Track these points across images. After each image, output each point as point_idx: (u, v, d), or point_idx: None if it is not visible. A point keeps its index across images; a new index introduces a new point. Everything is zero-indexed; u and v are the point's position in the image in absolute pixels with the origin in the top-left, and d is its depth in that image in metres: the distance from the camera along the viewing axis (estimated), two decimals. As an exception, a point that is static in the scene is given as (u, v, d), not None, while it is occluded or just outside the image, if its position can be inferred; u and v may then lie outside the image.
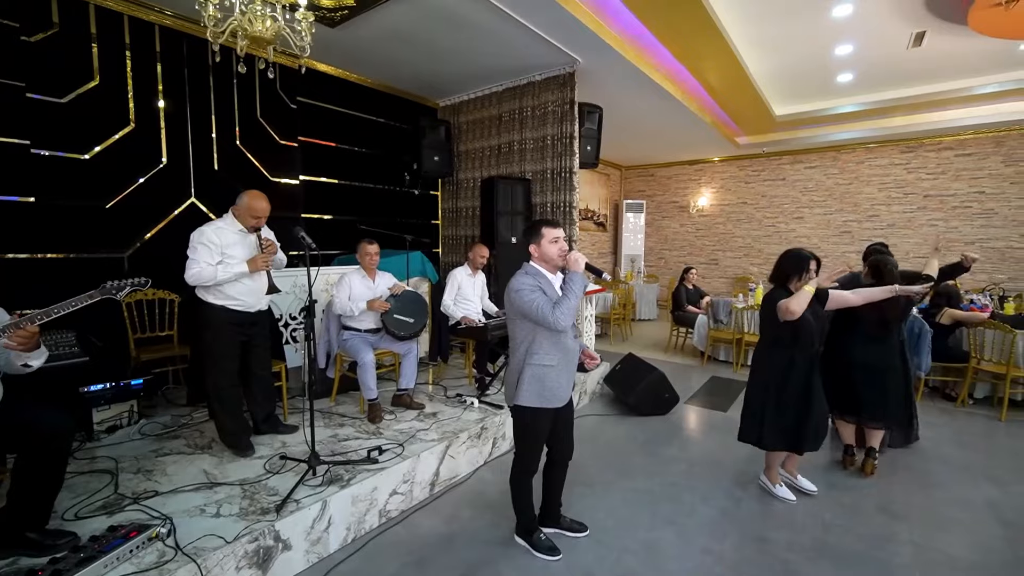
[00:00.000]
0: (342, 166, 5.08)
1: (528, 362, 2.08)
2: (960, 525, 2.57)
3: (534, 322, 2.02)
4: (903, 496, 2.85)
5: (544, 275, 2.11)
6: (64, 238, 3.28)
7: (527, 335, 2.09)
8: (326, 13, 3.55)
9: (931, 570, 2.20)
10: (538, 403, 2.09)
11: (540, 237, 2.11)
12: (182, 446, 2.80)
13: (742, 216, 9.95)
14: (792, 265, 2.59)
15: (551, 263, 2.11)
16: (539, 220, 2.18)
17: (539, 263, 2.13)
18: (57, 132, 3.22)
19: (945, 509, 2.72)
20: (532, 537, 2.32)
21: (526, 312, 2.01)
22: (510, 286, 2.08)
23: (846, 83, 6.64)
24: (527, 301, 1.99)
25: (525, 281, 2.05)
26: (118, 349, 3.35)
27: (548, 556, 2.26)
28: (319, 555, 2.23)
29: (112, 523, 1.97)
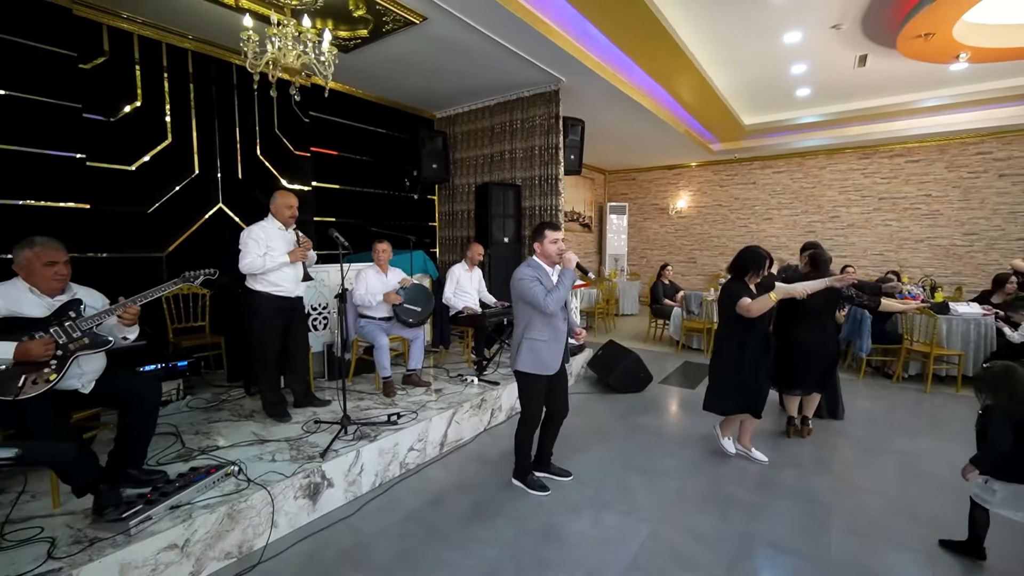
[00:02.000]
0: (348, 173, 5.57)
1: (525, 336, 2.62)
2: (870, 466, 3.18)
3: (530, 306, 2.56)
4: (832, 451, 3.45)
5: (543, 268, 2.64)
6: (113, 240, 3.73)
7: (526, 315, 2.63)
8: (342, 42, 4.06)
9: (845, 495, 2.80)
10: (533, 370, 2.63)
11: (544, 237, 2.63)
12: (228, 416, 3.28)
13: (717, 217, 10.63)
14: (752, 261, 2.96)
15: (549, 259, 2.64)
16: (545, 223, 2.70)
17: (540, 258, 2.66)
18: (108, 147, 3.68)
19: (863, 456, 3.34)
20: (526, 478, 2.85)
21: (525, 296, 2.55)
22: (515, 275, 2.62)
23: (805, 96, 7.32)
24: (527, 288, 2.52)
25: (527, 272, 2.58)
26: (160, 336, 3.80)
27: (539, 492, 2.80)
28: (355, 494, 2.73)
29: (191, 466, 2.46)
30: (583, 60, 4.73)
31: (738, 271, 3.01)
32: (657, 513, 2.63)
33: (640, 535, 2.43)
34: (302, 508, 2.47)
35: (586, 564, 2.21)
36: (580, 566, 2.19)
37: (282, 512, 2.37)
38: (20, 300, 2.08)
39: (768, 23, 4.86)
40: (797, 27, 5.00)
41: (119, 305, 2.21)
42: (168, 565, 1.97)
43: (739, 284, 2.97)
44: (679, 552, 2.30)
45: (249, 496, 2.25)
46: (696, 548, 2.33)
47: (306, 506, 2.49)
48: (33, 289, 2.12)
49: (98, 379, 2.27)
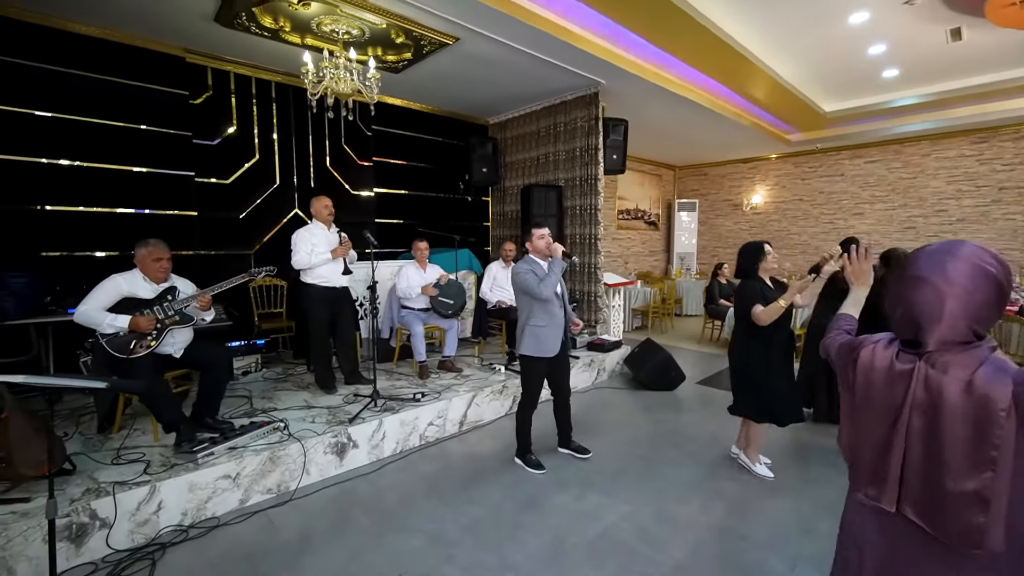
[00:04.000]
0: (408, 179, 6.19)
1: (527, 324, 2.94)
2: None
3: (528, 294, 2.85)
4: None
5: (537, 262, 2.96)
6: (213, 240, 4.63)
7: (527, 305, 2.95)
8: (391, 64, 4.60)
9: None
10: (535, 353, 2.94)
11: (531, 236, 2.99)
12: (289, 386, 3.95)
13: (798, 213, 9.87)
14: (751, 255, 2.93)
15: (540, 253, 2.96)
16: (532, 224, 3.02)
17: (534, 254, 2.98)
18: (210, 165, 4.57)
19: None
20: (525, 457, 3.14)
21: (523, 287, 2.88)
22: (512, 270, 2.97)
23: (893, 78, 6.62)
24: (523, 279, 2.86)
25: (522, 267, 2.92)
26: (247, 319, 4.63)
27: (535, 470, 3.07)
28: (377, 456, 3.21)
29: (251, 420, 3.08)
30: (620, 63, 4.82)
31: (746, 271, 2.97)
32: (640, 497, 2.77)
33: (616, 513, 2.60)
34: (330, 462, 2.98)
35: (557, 530, 2.44)
36: (551, 531, 2.44)
37: (313, 463, 2.90)
38: (136, 285, 2.80)
39: (826, 7, 4.57)
40: (862, 7, 4.64)
41: (198, 294, 2.87)
42: (223, 490, 2.57)
43: (752, 282, 2.90)
44: (647, 532, 2.44)
45: (287, 446, 2.80)
46: (666, 531, 2.45)
47: (334, 461, 3.00)
48: (145, 277, 2.83)
49: (187, 347, 2.96)
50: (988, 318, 0.93)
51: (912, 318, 0.98)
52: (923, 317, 0.95)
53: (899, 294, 1.01)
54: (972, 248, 0.95)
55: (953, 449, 0.89)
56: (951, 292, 0.92)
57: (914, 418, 0.95)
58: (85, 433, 2.95)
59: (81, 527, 2.17)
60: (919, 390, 0.94)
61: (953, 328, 0.93)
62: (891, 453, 0.97)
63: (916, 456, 0.95)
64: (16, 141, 3.65)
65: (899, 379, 0.97)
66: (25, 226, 3.70)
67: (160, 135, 4.24)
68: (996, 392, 0.86)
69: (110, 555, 2.21)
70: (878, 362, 1.02)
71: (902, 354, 1.00)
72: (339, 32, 3.90)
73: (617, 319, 5.94)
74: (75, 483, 2.35)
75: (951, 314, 0.92)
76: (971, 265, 0.92)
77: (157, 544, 2.30)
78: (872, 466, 1.02)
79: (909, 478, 0.96)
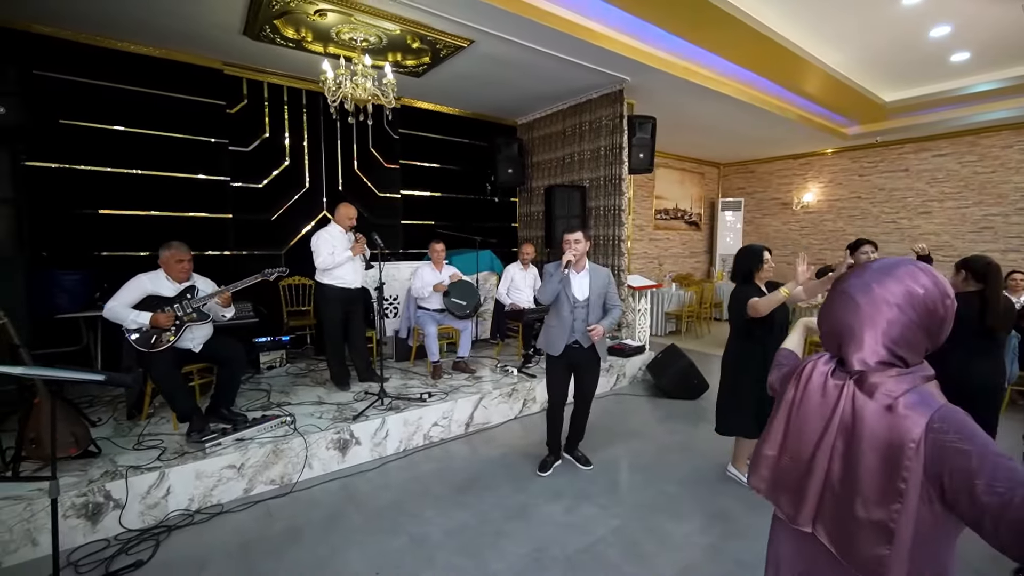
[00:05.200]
0: (435, 181, 6.29)
1: (545, 324, 3.10)
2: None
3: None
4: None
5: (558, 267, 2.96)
6: (247, 241, 4.91)
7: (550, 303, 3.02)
8: (411, 69, 4.69)
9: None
10: (545, 348, 3.07)
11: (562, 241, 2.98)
12: (308, 382, 4.12)
13: (855, 212, 9.14)
14: (749, 261, 2.79)
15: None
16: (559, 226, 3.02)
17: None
18: (244, 170, 4.85)
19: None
20: (547, 456, 3.18)
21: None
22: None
23: (963, 62, 5.98)
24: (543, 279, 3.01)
25: (548, 267, 2.99)
26: (276, 316, 4.88)
27: (539, 472, 3.10)
28: (379, 454, 3.29)
29: (263, 413, 3.24)
30: (644, 59, 4.66)
31: (742, 275, 2.83)
32: (634, 512, 2.66)
33: (605, 528, 2.51)
34: (333, 457, 3.09)
35: (539, 542, 2.40)
36: (533, 542, 2.39)
37: (316, 457, 3.01)
38: (159, 284, 3.01)
39: (870, -12, 4.21)
40: (914, -14, 4.23)
41: (214, 292, 3.06)
42: (228, 479, 2.72)
43: (747, 287, 2.78)
44: (636, 548, 2.34)
45: (290, 440, 2.92)
46: (656, 548, 2.35)
47: (336, 456, 3.10)
48: (168, 277, 3.04)
49: (206, 342, 3.15)
50: (913, 343, 0.87)
51: (834, 334, 0.95)
52: (843, 335, 0.92)
53: (826, 307, 0.98)
54: (908, 268, 0.89)
55: (865, 475, 0.86)
56: (869, 312, 0.89)
57: (837, 439, 0.91)
58: (118, 419, 3.23)
59: (97, 506, 2.36)
60: (846, 410, 0.90)
61: (873, 351, 0.88)
62: (812, 473, 0.94)
63: (834, 479, 0.91)
64: (77, 151, 4.04)
65: (830, 396, 0.93)
66: (82, 228, 4.09)
67: (200, 143, 4.56)
68: (910, 423, 0.82)
69: (122, 533, 2.40)
70: (815, 376, 0.97)
71: (837, 371, 0.96)
72: (358, 40, 4.02)
73: (643, 323, 5.75)
74: (97, 465, 2.57)
75: (870, 335, 0.88)
76: (898, 285, 0.87)
77: (164, 527, 2.47)
78: (792, 485, 0.98)
79: (825, 500, 0.92)
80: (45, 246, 3.88)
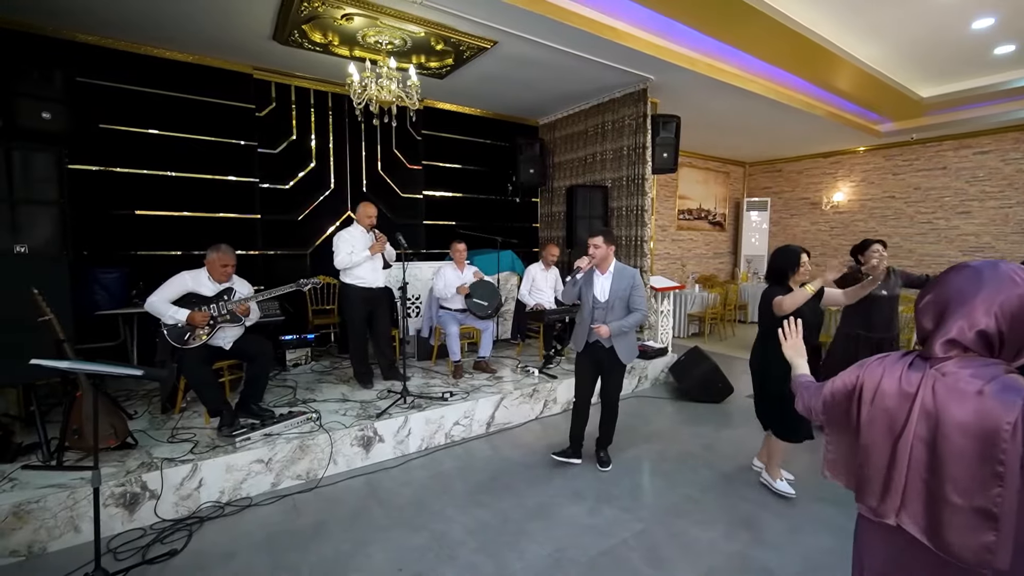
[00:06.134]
0: (457, 181, 6.33)
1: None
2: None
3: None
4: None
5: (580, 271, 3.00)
6: (274, 241, 5.04)
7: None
8: (435, 71, 4.73)
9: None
10: (573, 343, 3.16)
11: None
12: (332, 379, 4.20)
13: (888, 212, 8.84)
14: (785, 261, 2.71)
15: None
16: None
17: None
18: (272, 172, 4.97)
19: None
20: (566, 449, 3.22)
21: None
22: None
23: (1009, 55, 5.72)
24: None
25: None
26: (301, 315, 4.99)
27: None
28: (402, 452, 3.33)
29: (290, 410, 3.32)
30: (668, 57, 4.59)
31: (776, 276, 2.76)
32: (657, 516, 2.63)
33: (627, 531, 2.49)
34: (357, 454, 3.14)
35: (560, 543, 2.39)
36: (554, 543, 2.39)
37: (340, 453, 3.06)
38: (200, 283, 3.11)
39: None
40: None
41: (250, 297, 3.15)
42: (257, 473, 2.79)
43: (778, 289, 2.71)
44: (657, 553, 2.32)
45: (316, 437, 2.99)
46: (679, 554, 2.31)
47: (360, 453, 3.15)
48: (210, 278, 3.14)
49: (235, 341, 3.24)
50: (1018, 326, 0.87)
51: (940, 302, 0.95)
52: (952, 303, 0.93)
53: (940, 278, 0.99)
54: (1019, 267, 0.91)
55: (957, 462, 0.86)
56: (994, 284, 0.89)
57: (919, 428, 0.92)
58: (153, 413, 3.35)
59: (134, 496, 2.46)
60: (926, 399, 0.91)
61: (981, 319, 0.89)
62: (895, 466, 0.95)
63: (919, 468, 0.92)
64: (115, 154, 4.21)
65: (910, 387, 0.95)
66: (120, 228, 4.26)
67: (231, 146, 4.69)
68: (1003, 406, 0.82)
69: (157, 523, 2.49)
70: (889, 375, 0.99)
71: (916, 361, 0.98)
72: (383, 43, 4.08)
73: (666, 325, 5.67)
74: (134, 457, 2.67)
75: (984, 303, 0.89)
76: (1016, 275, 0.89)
77: (197, 517, 2.56)
78: (877, 480, 0.99)
79: (911, 491, 0.93)
80: (85, 245, 4.05)
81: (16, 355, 2.31)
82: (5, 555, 2.18)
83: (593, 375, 3.13)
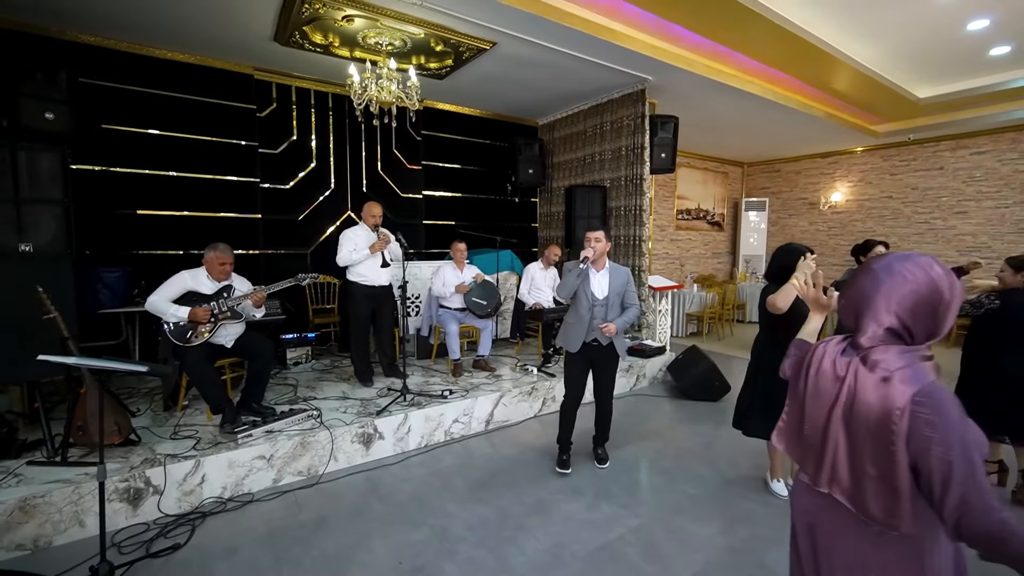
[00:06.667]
0: (457, 181, 6.36)
1: (564, 321, 3.12)
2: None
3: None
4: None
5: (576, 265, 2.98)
6: (275, 240, 5.07)
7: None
8: (435, 71, 4.76)
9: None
10: (563, 344, 3.10)
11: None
12: (332, 377, 4.23)
13: (885, 212, 8.88)
14: (787, 259, 2.65)
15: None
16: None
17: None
18: (273, 172, 5.00)
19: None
20: (560, 455, 3.17)
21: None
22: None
23: (1004, 55, 5.76)
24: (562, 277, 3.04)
25: (568, 265, 3.01)
26: (302, 313, 5.02)
27: (560, 469, 3.11)
28: (402, 448, 3.36)
29: (291, 407, 3.35)
30: (666, 58, 4.63)
31: (776, 275, 2.76)
32: (655, 512, 2.66)
33: (624, 527, 2.52)
34: (357, 451, 3.17)
35: (558, 538, 2.42)
36: (552, 538, 2.42)
37: (341, 450, 3.10)
38: (200, 282, 3.14)
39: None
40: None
41: (248, 293, 3.17)
42: (259, 469, 2.83)
43: (774, 287, 2.72)
44: (655, 548, 2.35)
45: (317, 434, 3.02)
46: (676, 549, 2.35)
47: (360, 450, 3.19)
48: (209, 276, 3.17)
49: (237, 339, 3.28)
50: (920, 317, 0.98)
51: (852, 305, 1.07)
52: (862, 304, 1.04)
53: (850, 282, 1.10)
54: (926, 258, 1.01)
55: (868, 441, 1.00)
56: (889, 284, 1.00)
57: (845, 408, 1.05)
58: (155, 410, 3.38)
59: (137, 491, 2.49)
60: (851, 382, 1.04)
61: (885, 317, 1.00)
62: (827, 441, 1.08)
63: (844, 444, 1.05)
64: (117, 155, 4.24)
65: (839, 372, 1.08)
66: (122, 228, 4.29)
67: (232, 146, 4.72)
68: (898, 393, 0.94)
69: (160, 518, 2.52)
70: (827, 358, 1.12)
71: (847, 351, 1.10)
72: (383, 44, 4.11)
73: (664, 324, 5.71)
74: (137, 453, 2.70)
75: (885, 302, 1.00)
76: (916, 268, 0.99)
77: (199, 513, 2.59)
78: (814, 452, 1.12)
79: (839, 465, 1.06)
80: (88, 245, 4.07)
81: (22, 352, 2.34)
82: (12, 549, 2.22)
83: (585, 375, 3.10)
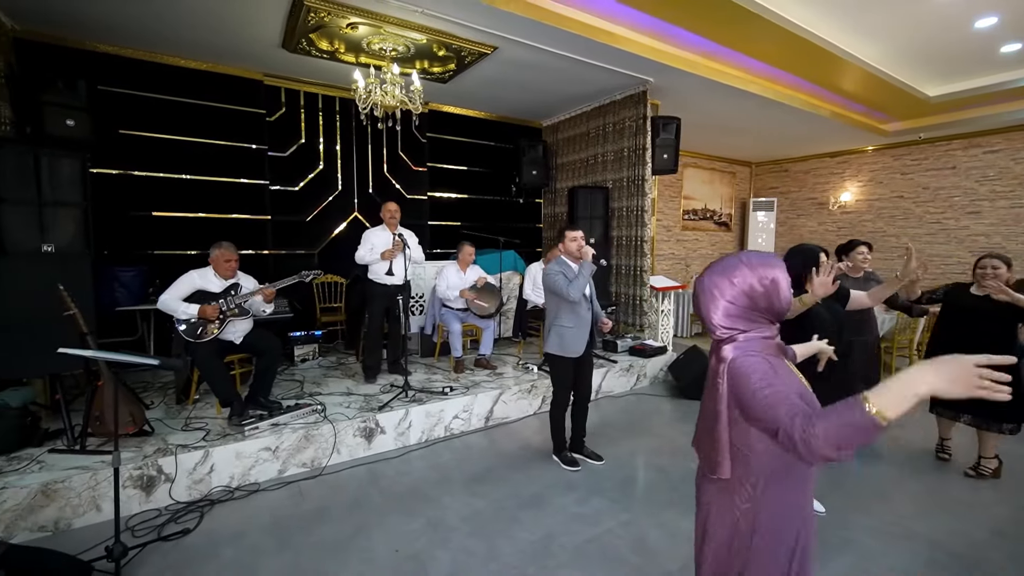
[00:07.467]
0: (461, 182, 6.47)
1: (554, 324, 3.05)
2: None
3: (557, 295, 2.96)
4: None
5: (567, 264, 3.03)
6: (283, 241, 5.22)
7: (554, 305, 3.06)
8: (438, 75, 4.87)
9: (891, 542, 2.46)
10: (559, 351, 3.03)
11: (564, 238, 3.04)
12: (338, 374, 4.36)
13: (896, 212, 8.78)
14: (801, 262, 2.48)
15: (571, 255, 3.02)
16: (565, 226, 3.09)
17: (565, 256, 3.05)
18: (282, 174, 5.16)
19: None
20: (561, 454, 3.24)
21: (552, 288, 2.98)
22: (544, 271, 3.07)
23: (1015, 52, 5.68)
24: (553, 280, 2.96)
25: (553, 267, 3.02)
26: (309, 312, 5.16)
27: (569, 467, 3.17)
28: (402, 443, 3.47)
29: (297, 402, 3.47)
30: (667, 60, 4.67)
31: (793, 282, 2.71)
32: (646, 507, 2.73)
33: (614, 520, 2.59)
34: (359, 444, 3.29)
35: (549, 529, 2.50)
36: (543, 530, 2.50)
37: (344, 443, 3.21)
38: (207, 280, 3.28)
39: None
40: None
41: (256, 290, 3.30)
42: (264, 460, 2.95)
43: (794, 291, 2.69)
44: (643, 542, 2.42)
45: (320, 427, 3.14)
46: (664, 543, 2.41)
47: (362, 443, 3.30)
48: (216, 274, 3.31)
49: (246, 335, 3.41)
50: (742, 317, 1.16)
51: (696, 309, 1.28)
52: (702, 319, 1.24)
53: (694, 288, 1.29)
54: (729, 262, 1.19)
55: (707, 404, 1.22)
56: (705, 302, 1.19)
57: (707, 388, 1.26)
58: (168, 403, 3.53)
59: (150, 479, 2.63)
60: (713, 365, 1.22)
61: (715, 327, 1.18)
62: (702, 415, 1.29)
63: (702, 412, 1.27)
64: (133, 159, 4.42)
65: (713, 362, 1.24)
66: (138, 229, 4.46)
67: (242, 150, 4.89)
68: (723, 363, 1.14)
69: (171, 504, 2.66)
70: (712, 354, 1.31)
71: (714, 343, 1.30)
72: (387, 49, 4.22)
73: (667, 324, 5.75)
74: (150, 443, 2.84)
75: (709, 318, 1.19)
76: (721, 279, 1.17)
77: (208, 500, 2.72)
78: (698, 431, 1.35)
79: (699, 428, 1.30)
80: (106, 245, 4.25)
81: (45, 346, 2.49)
82: (35, 530, 2.36)
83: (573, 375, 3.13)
